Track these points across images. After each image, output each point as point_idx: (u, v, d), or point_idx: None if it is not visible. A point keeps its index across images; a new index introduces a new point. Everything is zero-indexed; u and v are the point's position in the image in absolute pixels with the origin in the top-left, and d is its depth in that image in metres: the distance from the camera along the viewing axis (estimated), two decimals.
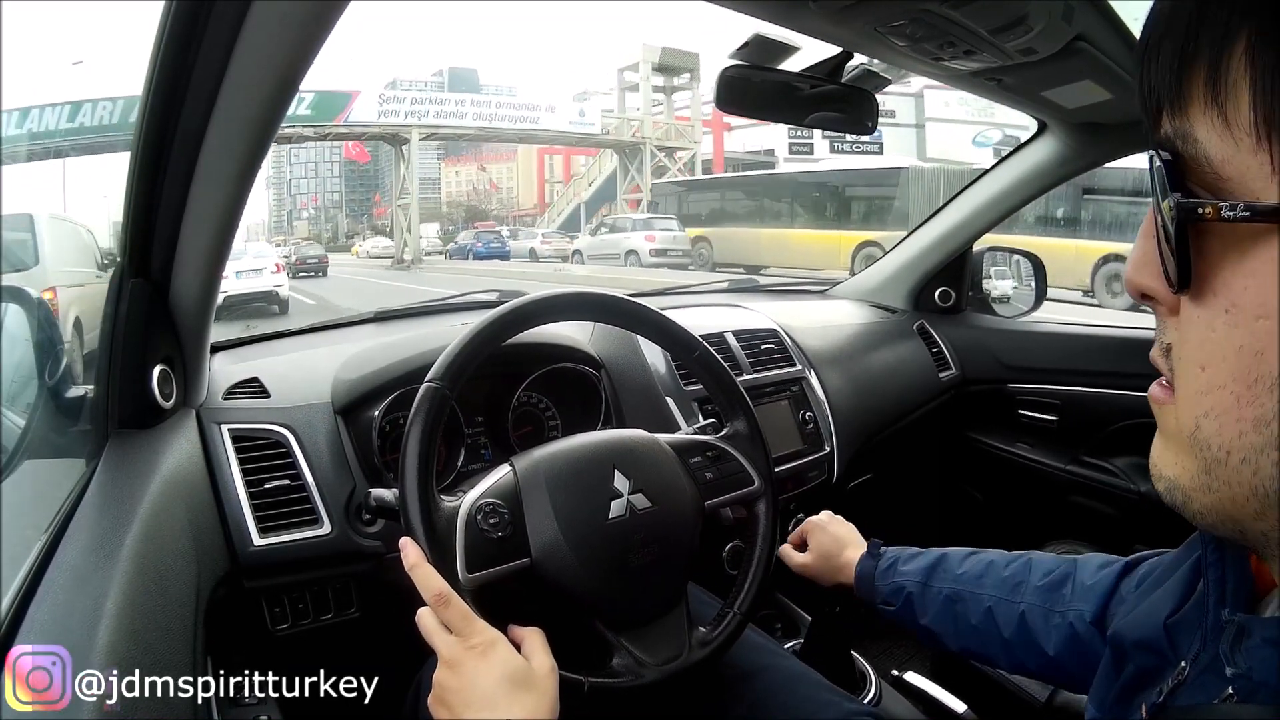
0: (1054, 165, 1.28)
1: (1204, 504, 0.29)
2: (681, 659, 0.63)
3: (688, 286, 1.68)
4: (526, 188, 47.93)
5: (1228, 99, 0.25)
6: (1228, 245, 0.26)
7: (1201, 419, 0.28)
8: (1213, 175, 0.26)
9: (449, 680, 0.53)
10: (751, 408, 0.76)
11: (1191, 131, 0.26)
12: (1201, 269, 0.27)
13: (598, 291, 0.73)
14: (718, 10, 0.71)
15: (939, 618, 0.68)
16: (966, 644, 0.67)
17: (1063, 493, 1.38)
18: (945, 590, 0.68)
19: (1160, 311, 0.30)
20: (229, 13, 0.50)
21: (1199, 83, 0.26)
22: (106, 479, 0.63)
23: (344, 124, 18.19)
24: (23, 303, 0.85)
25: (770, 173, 16.32)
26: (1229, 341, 0.26)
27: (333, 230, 54.54)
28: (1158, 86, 0.28)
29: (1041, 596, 0.62)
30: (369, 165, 60.42)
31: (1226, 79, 0.25)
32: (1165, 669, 0.39)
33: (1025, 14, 0.75)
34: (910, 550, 0.74)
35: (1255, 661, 0.31)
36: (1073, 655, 0.59)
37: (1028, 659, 0.63)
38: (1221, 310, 0.26)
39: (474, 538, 0.59)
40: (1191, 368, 0.28)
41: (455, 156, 59.66)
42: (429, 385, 0.61)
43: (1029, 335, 1.49)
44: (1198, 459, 0.29)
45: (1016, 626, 0.63)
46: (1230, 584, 0.35)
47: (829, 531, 0.81)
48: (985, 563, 0.68)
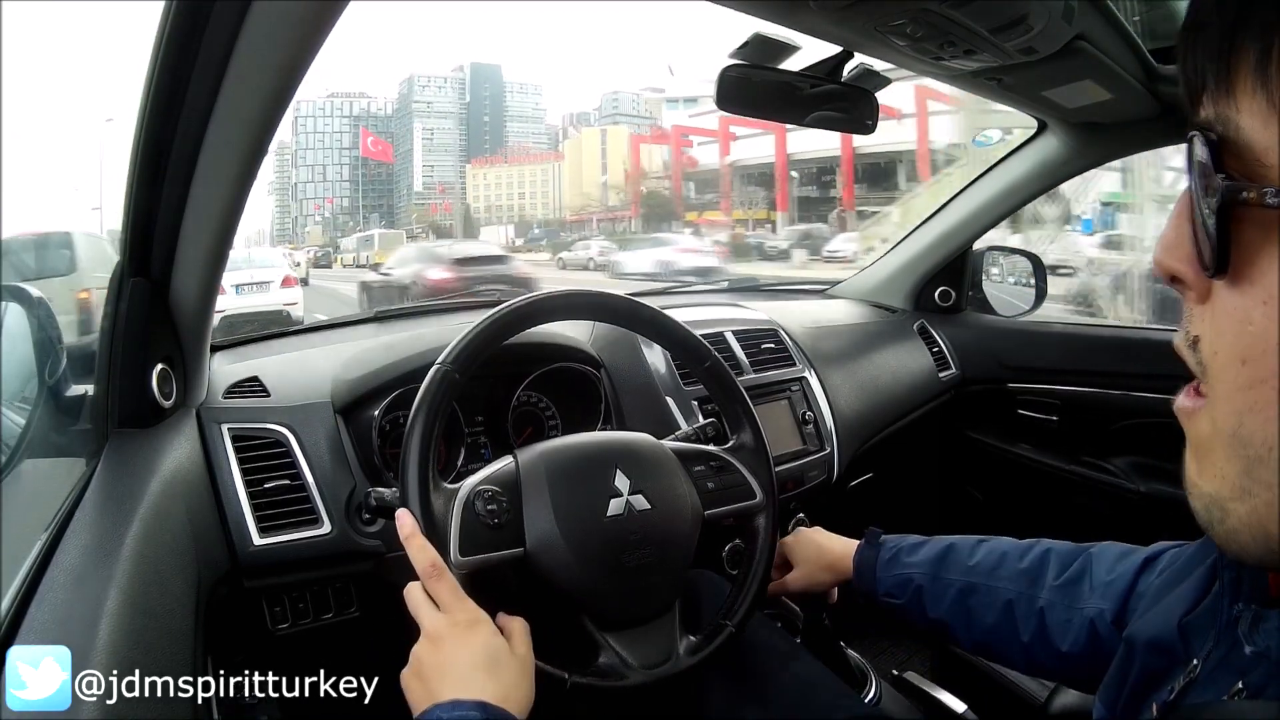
0: (1054, 165, 1.28)
1: (1240, 515, 0.28)
2: (669, 665, 0.63)
3: (688, 285, 1.68)
4: (575, 190, 45.83)
5: (1276, 86, 0.24)
6: (1268, 233, 0.25)
7: (1245, 415, 0.27)
8: (1254, 161, 0.25)
9: (428, 655, 0.53)
10: (758, 422, 0.76)
11: (1235, 117, 0.26)
12: (1239, 256, 0.26)
13: (615, 294, 0.74)
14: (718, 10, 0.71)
15: (951, 611, 0.66)
16: (980, 639, 0.65)
17: (1063, 493, 1.38)
18: (958, 582, 0.66)
19: (1189, 298, 0.29)
20: (229, 13, 0.50)
21: (1246, 67, 0.25)
22: (106, 478, 0.63)
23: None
24: (23, 302, 0.85)
25: None
26: (1269, 333, 0.25)
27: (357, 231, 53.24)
28: (1203, 68, 0.27)
29: (1060, 593, 0.61)
30: (379, 166, 58.83)
31: (1275, 66, 0.24)
32: (1177, 668, 0.39)
33: (1025, 14, 0.75)
34: (911, 539, 0.72)
35: (1275, 640, 0.31)
36: (1090, 654, 0.58)
37: (1045, 657, 0.61)
38: (1260, 301, 0.26)
39: (470, 521, 0.59)
40: (1231, 362, 0.27)
41: (482, 156, 58.05)
42: (439, 368, 0.62)
43: (1029, 335, 1.49)
44: (1238, 460, 0.28)
45: (1036, 623, 0.61)
46: (1246, 584, 0.35)
47: (807, 540, 0.80)
48: (999, 553, 0.66)
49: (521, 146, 60.49)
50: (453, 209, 51.94)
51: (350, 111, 64.08)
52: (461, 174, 57.42)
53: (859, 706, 0.69)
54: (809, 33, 0.80)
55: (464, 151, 59.96)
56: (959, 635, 0.66)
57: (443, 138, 62.68)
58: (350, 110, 64.11)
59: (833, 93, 0.91)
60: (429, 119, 63.53)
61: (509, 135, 64.75)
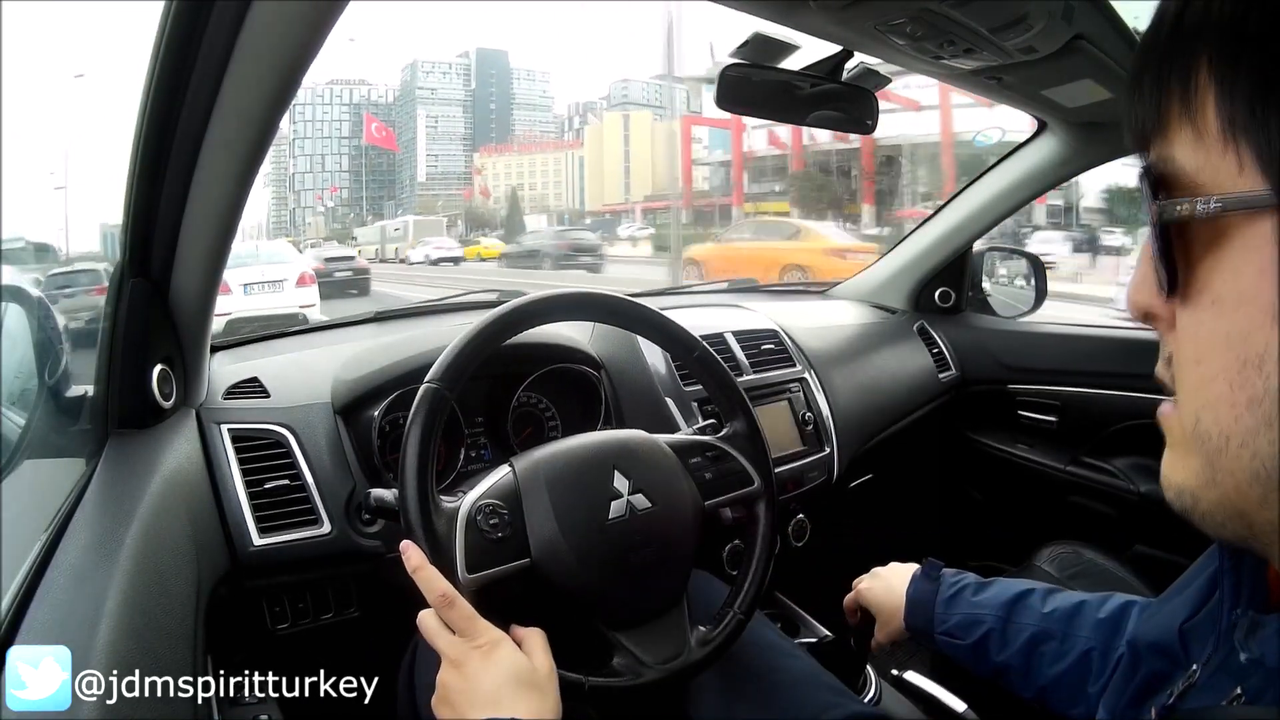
0: (1054, 165, 1.28)
1: (1211, 501, 0.30)
2: (682, 658, 0.63)
3: (688, 286, 1.68)
4: (596, 182, 43.24)
5: (1198, 112, 0.27)
6: (1206, 244, 0.28)
7: (1201, 412, 0.29)
8: (1189, 184, 0.28)
9: (454, 680, 0.53)
10: (751, 407, 0.76)
11: (1170, 151, 0.29)
12: (1189, 271, 0.29)
13: (598, 291, 0.73)
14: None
15: (1017, 657, 0.63)
16: (1044, 686, 0.61)
17: (1063, 493, 1.38)
18: (1030, 628, 0.63)
19: (1162, 328, 0.32)
20: (229, 13, 0.50)
21: (1174, 105, 0.28)
22: (106, 479, 0.63)
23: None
24: (23, 302, 0.85)
25: None
26: (1216, 332, 0.28)
27: (358, 223, 48.47)
28: (1143, 118, 0.30)
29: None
30: (380, 155, 56.74)
31: (1196, 97, 0.27)
32: (1177, 672, 0.39)
33: (1025, 13, 0.75)
34: (972, 576, 0.69)
35: (1269, 649, 0.32)
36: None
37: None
38: (1208, 304, 0.28)
39: (474, 538, 0.59)
40: (1188, 365, 0.29)
41: (490, 145, 55.81)
42: (428, 386, 0.61)
43: (1029, 336, 1.49)
44: (1200, 454, 0.29)
45: (1110, 674, 0.56)
46: (1246, 591, 0.36)
47: (875, 585, 0.75)
48: (1076, 601, 0.63)
49: (529, 135, 58.68)
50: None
51: (350, 99, 62.65)
52: (467, 163, 55.67)
53: (858, 706, 0.69)
54: (809, 32, 0.81)
55: (469, 140, 58.79)
56: (1017, 683, 0.63)
57: (447, 125, 61.34)
58: (350, 98, 62.70)
59: (833, 92, 0.91)
60: (433, 106, 62.05)
61: (516, 123, 63.42)
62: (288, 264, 6.81)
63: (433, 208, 48.60)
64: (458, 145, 59.32)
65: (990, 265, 1.57)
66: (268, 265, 6.49)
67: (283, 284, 6.37)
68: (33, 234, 3.18)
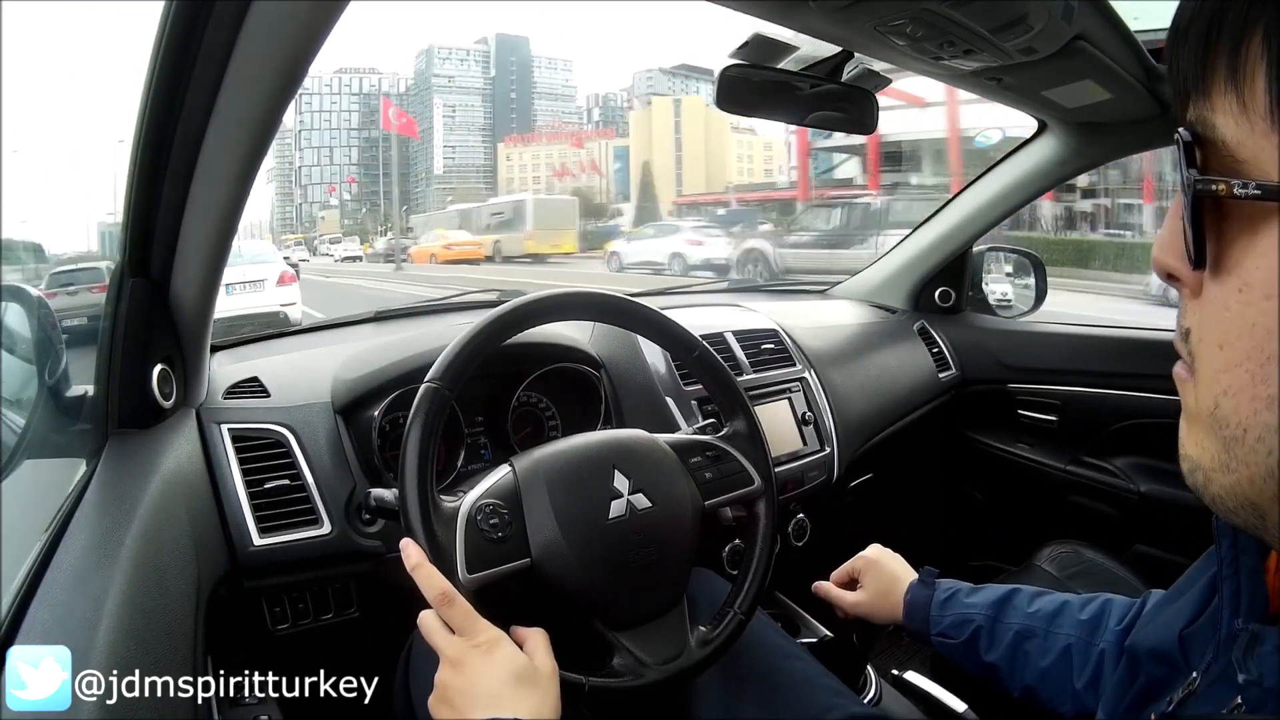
0: (1054, 165, 1.28)
1: (1223, 485, 0.29)
2: (682, 658, 0.63)
3: (688, 286, 1.68)
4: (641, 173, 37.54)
5: (1245, 84, 0.26)
6: (1242, 225, 0.27)
7: (1220, 397, 0.28)
8: (1230, 158, 0.27)
9: (453, 679, 0.52)
10: (750, 407, 0.76)
11: (1211, 116, 0.27)
12: (1219, 247, 0.28)
13: (598, 291, 0.73)
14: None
15: (1005, 655, 0.65)
16: (1030, 683, 0.63)
17: (1063, 493, 1.38)
18: (1016, 625, 0.65)
19: (1184, 293, 0.31)
20: (229, 13, 0.50)
21: (1220, 69, 0.27)
22: (106, 479, 0.63)
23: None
24: (23, 302, 0.85)
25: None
26: (1243, 320, 0.27)
27: (380, 220, 43.37)
28: (1185, 71, 0.29)
29: (1121, 638, 0.59)
30: (392, 146, 53.59)
31: (1245, 66, 0.26)
32: (1176, 679, 0.39)
33: (1025, 13, 0.75)
34: (967, 584, 0.71)
35: (1267, 668, 0.31)
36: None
37: (1094, 702, 0.59)
38: (1235, 289, 0.27)
39: (474, 538, 0.59)
40: (1211, 347, 0.29)
41: (511, 134, 51.54)
42: (428, 385, 0.61)
43: (1029, 335, 1.49)
44: (1217, 438, 0.29)
45: (1093, 669, 0.59)
46: (1245, 598, 0.35)
47: (884, 567, 0.76)
48: (1060, 602, 0.65)
49: (552, 124, 55.20)
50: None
51: (360, 89, 60.02)
52: (490, 155, 51.31)
53: (859, 707, 0.69)
54: (809, 33, 0.80)
55: (488, 130, 56.58)
56: (1006, 680, 0.65)
57: (466, 115, 58.72)
58: (360, 87, 60.06)
59: (833, 93, 0.91)
60: (450, 94, 59.43)
61: (536, 113, 60.62)
62: (269, 264, 6.87)
63: (478, 195, 41.61)
64: (476, 136, 57.18)
65: (989, 265, 1.57)
66: (249, 265, 6.49)
67: (263, 283, 6.41)
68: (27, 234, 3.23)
